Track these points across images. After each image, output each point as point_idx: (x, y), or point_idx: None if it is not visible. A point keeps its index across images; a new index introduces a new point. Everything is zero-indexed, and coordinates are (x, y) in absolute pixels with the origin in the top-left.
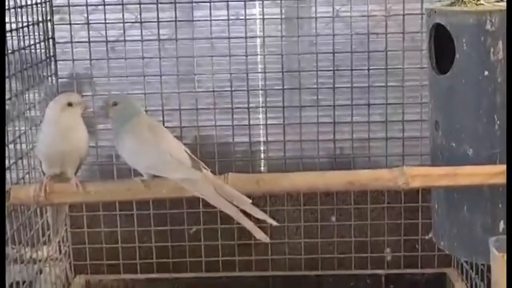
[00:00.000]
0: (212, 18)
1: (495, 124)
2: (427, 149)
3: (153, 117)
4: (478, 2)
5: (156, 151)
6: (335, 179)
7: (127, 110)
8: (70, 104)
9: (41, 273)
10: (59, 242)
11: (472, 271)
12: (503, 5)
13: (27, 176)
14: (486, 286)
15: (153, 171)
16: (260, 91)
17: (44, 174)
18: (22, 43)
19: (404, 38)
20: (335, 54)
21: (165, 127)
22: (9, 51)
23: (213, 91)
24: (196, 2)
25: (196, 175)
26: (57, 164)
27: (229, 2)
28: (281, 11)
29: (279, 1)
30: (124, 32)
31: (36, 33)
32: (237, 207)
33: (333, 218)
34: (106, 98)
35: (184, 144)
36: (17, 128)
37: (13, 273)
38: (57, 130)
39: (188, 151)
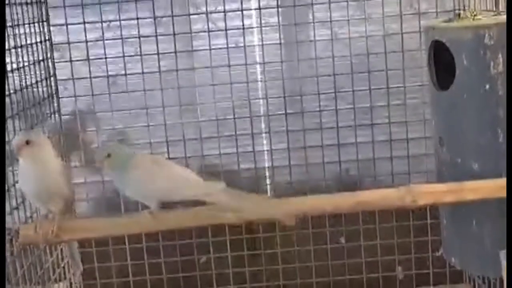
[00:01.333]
0: (212, 47)
1: (499, 137)
2: (432, 166)
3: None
4: (475, 17)
5: (167, 175)
6: (343, 201)
7: (123, 156)
8: (28, 142)
9: None
10: (70, 279)
11: (485, 284)
12: (501, 18)
13: (34, 215)
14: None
15: (168, 197)
16: (263, 117)
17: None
18: (24, 82)
19: (404, 56)
20: (336, 76)
21: (170, 158)
22: (12, 91)
23: (216, 120)
24: (195, 32)
25: (217, 186)
26: (36, 202)
27: (228, 31)
28: (279, 36)
29: (277, 27)
30: (125, 66)
31: (38, 72)
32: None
33: (343, 240)
34: (98, 153)
35: None
36: None
37: None
38: (20, 169)
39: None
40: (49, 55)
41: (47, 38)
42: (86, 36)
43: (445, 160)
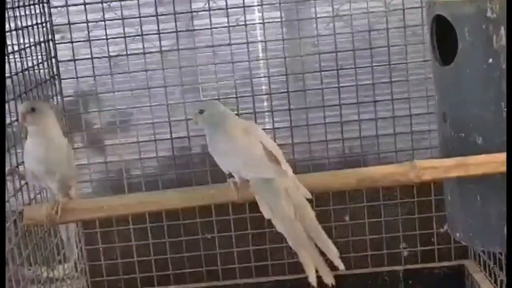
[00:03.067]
0: (213, 26)
1: (503, 111)
2: (436, 141)
3: (246, 119)
4: None
5: (248, 149)
6: (346, 178)
7: (216, 116)
8: (33, 110)
9: None
10: (75, 260)
11: (490, 260)
12: None
13: (38, 196)
14: (505, 274)
15: (244, 173)
16: (265, 96)
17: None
18: (25, 64)
19: (406, 32)
20: (338, 53)
21: (172, 138)
22: (13, 73)
23: (218, 99)
24: (195, 11)
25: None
26: (39, 174)
27: (229, 9)
28: (280, 14)
29: (278, 5)
30: (126, 46)
31: (39, 54)
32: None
33: (347, 218)
34: (193, 107)
35: (192, 153)
36: None
37: None
38: (26, 144)
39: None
40: (50, 36)
41: (47, 19)
42: (86, 17)
43: (448, 135)
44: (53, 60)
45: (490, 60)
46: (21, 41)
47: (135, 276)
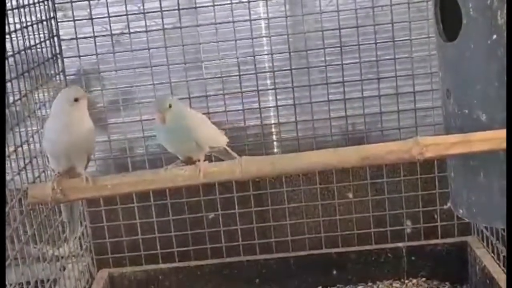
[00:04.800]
0: (215, 4)
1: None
2: (439, 119)
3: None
4: None
5: (211, 125)
6: (350, 155)
7: (181, 107)
8: (76, 100)
9: (64, 269)
10: (79, 238)
11: (493, 237)
12: None
13: (42, 175)
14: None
15: (214, 143)
16: (268, 73)
17: (54, 171)
18: (27, 42)
19: (410, 8)
20: (341, 30)
21: None
22: (15, 51)
23: (221, 77)
24: None
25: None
26: (65, 159)
27: None
28: None
29: None
30: (128, 24)
31: (41, 32)
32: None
33: (350, 195)
34: (159, 103)
35: None
36: (29, 128)
37: (36, 271)
38: (65, 125)
39: None
40: (52, 14)
41: None
42: None
43: (452, 112)
44: (55, 38)
45: (494, 36)
46: (23, 19)
47: (139, 253)
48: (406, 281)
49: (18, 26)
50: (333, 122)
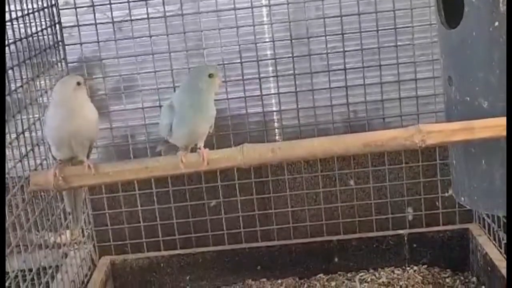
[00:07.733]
0: None
1: None
2: (441, 106)
3: None
4: None
5: None
6: (351, 142)
7: None
8: (78, 84)
9: (66, 257)
10: (81, 227)
11: (494, 224)
12: None
13: (44, 162)
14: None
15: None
16: (270, 61)
17: (55, 159)
18: (29, 30)
19: None
20: (343, 17)
21: None
22: (17, 39)
23: (223, 64)
24: None
25: None
26: (67, 147)
27: None
28: None
29: None
30: (130, 12)
31: (42, 19)
32: None
33: (352, 182)
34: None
35: None
36: (30, 116)
37: (38, 258)
38: (67, 110)
39: None
40: (53, 2)
41: None
42: None
43: (454, 99)
44: (57, 26)
45: (496, 24)
46: (25, 6)
47: (141, 241)
48: (408, 268)
49: (19, 13)
50: (335, 109)
